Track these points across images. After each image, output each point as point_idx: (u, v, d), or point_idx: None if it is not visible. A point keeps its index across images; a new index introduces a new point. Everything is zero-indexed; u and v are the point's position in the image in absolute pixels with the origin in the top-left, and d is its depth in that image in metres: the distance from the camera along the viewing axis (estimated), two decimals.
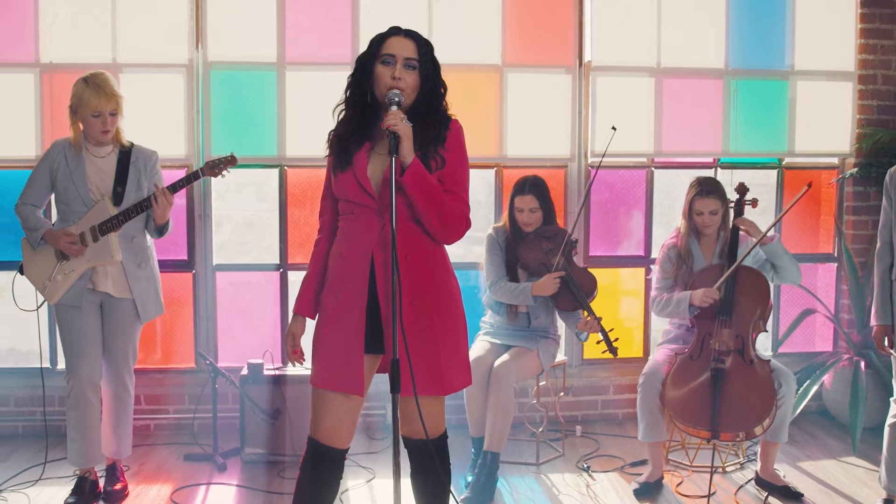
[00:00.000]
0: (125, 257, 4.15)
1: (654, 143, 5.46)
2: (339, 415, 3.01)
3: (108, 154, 4.17)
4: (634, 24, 5.42)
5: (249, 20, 5.22)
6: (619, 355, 4.48)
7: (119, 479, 4.35)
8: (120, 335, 4.22)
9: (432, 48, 3.01)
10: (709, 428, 4.18)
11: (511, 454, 4.91)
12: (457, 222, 2.95)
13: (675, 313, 4.46)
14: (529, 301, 4.56)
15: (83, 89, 4.02)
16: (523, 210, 4.63)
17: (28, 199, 4.18)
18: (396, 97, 2.87)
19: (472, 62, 5.35)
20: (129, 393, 4.32)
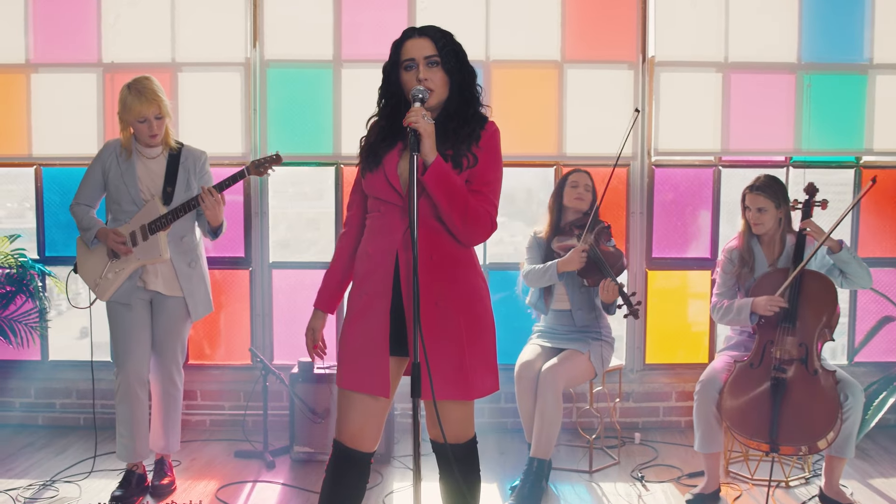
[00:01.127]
0: (175, 256, 4.20)
1: (721, 141, 5.24)
2: (365, 417, 2.95)
3: (158, 155, 4.22)
4: (701, 16, 5.21)
5: (306, 18, 5.21)
6: (677, 360, 4.32)
7: (167, 474, 4.39)
8: (170, 333, 4.27)
9: (451, 38, 2.92)
10: (767, 440, 3.98)
11: (565, 461, 4.78)
12: (481, 224, 2.85)
13: (736, 321, 4.27)
14: (555, 279, 4.46)
15: (126, 96, 4.09)
16: (578, 185, 4.56)
17: (82, 199, 4.26)
18: (420, 94, 2.79)
19: (530, 58, 5.22)
20: (177, 389, 4.36)
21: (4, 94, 5.27)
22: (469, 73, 2.92)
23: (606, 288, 4.35)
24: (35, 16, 5.23)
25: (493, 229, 2.91)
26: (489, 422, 5.30)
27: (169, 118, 4.17)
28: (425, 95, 2.80)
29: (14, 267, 5.02)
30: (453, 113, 2.89)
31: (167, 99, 4.15)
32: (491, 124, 2.95)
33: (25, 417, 5.38)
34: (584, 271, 4.43)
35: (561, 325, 4.61)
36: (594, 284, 4.44)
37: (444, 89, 2.87)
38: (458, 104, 2.90)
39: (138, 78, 4.12)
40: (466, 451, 3.04)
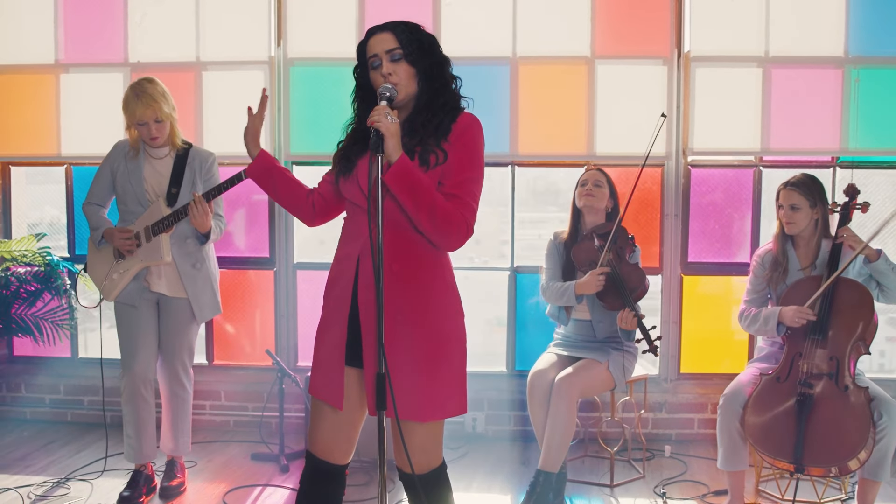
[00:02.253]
0: (179, 257, 4.16)
1: (761, 140, 4.96)
2: (333, 429, 2.84)
3: (165, 156, 4.20)
4: (740, 8, 4.94)
5: (330, 15, 5.13)
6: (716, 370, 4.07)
7: (177, 476, 4.37)
8: (175, 334, 4.24)
9: (416, 29, 2.76)
10: (791, 460, 3.74)
11: (586, 473, 4.60)
12: (453, 227, 2.65)
13: (763, 331, 4.02)
14: (573, 301, 4.27)
15: (128, 97, 4.06)
16: (587, 182, 4.36)
17: (93, 198, 4.28)
18: (387, 91, 2.65)
19: (559, 54, 5.03)
20: (185, 391, 4.33)
21: (35, 94, 5.34)
22: (437, 63, 2.76)
23: (624, 318, 4.14)
24: (64, 17, 5.29)
25: (468, 234, 2.70)
26: (512, 430, 5.14)
27: (171, 121, 4.12)
28: (393, 93, 2.66)
29: (41, 265, 5.07)
30: (423, 106, 2.73)
31: (170, 101, 4.10)
32: (465, 116, 2.75)
33: (55, 414, 5.46)
34: (603, 294, 4.23)
35: (581, 335, 4.43)
36: (613, 309, 4.23)
37: (411, 82, 2.72)
38: (427, 97, 2.74)
39: (141, 80, 4.09)
40: (433, 481, 2.82)
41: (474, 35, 5.07)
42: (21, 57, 5.34)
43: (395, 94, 2.67)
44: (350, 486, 4.37)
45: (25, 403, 5.48)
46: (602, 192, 4.37)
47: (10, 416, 5.45)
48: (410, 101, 2.76)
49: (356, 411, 2.84)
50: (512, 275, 5.20)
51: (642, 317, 4.15)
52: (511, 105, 5.05)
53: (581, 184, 4.42)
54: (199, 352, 5.49)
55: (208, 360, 5.45)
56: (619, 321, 4.15)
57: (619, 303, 4.18)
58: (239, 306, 5.42)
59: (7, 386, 5.49)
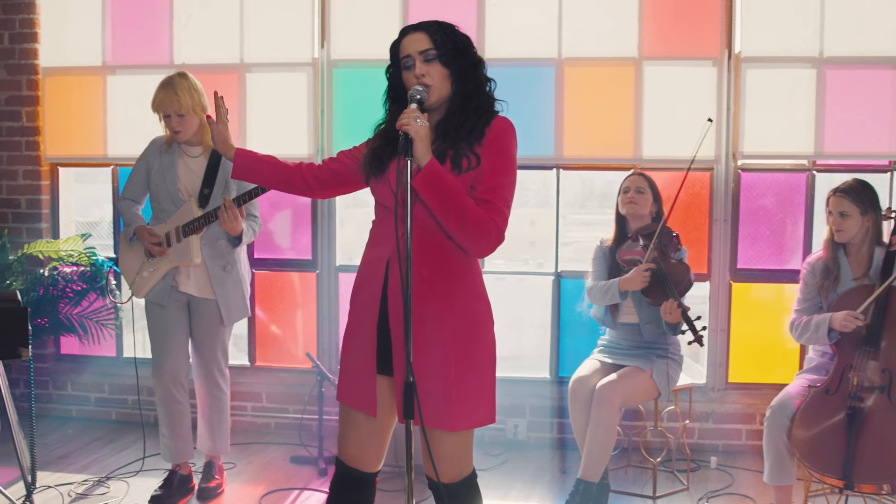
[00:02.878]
0: (210, 259, 4.13)
1: (814, 144, 4.80)
2: (362, 436, 2.80)
3: (200, 155, 4.16)
4: (793, 7, 4.78)
5: (373, 17, 5.10)
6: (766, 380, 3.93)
7: (214, 477, 4.35)
8: (207, 335, 4.22)
9: (451, 29, 2.71)
10: (840, 476, 3.60)
11: (629, 484, 4.49)
12: (483, 233, 2.59)
13: (815, 339, 3.88)
14: (617, 298, 4.20)
15: (158, 87, 4.04)
16: (630, 189, 4.28)
17: (128, 194, 4.27)
18: (418, 94, 2.60)
19: (606, 55, 4.93)
20: (222, 391, 4.30)
21: (82, 96, 5.41)
22: (471, 64, 2.70)
23: (669, 310, 4.04)
24: (112, 20, 5.33)
25: (499, 240, 2.64)
26: (554, 437, 5.06)
27: (200, 118, 4.06)
28: (423, 96, 2.60)
29: (87, 265, 5.12)
30: (456, 109, 2.67)
31: (198, 98, 4.04)
32: (499, 120, 2.70)
33: (99, 412, 5.52)
34: (648, 290, 4.14)
35: (626, 340, 4.33)
36: (658, 304, 4.13)
37: (444, 84, 2.66)
38: (461, 99, 2.68)
39: (175, 73, 4.06)
40: (462, 491, 2.76)
41: (519, 36, 4.99)
42: (70, 59, 5.40)
43: (425, 96, 2.62)
44: (385, 491, 4.35)
45: (71, 401, 5.55)
46: (644, 198, 4.28)
47: (56, 414, 5.52)
48: (443, 104, 2.70)
49: (387, 419, 2.80)
50: (556, 280, 5.12)
51: (687, 308, 4.05)
52: (556, 107, 4.96)
53: (623, 191, 4.34)
54: (242, 353, 5.51)
55: (250, 362, 5.45)
56: (664, 313, 4.06)
57: (663, 297, 4.09)
58: (281, 308, 5.42)
59: (54, 384, 5.56)
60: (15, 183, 5.50)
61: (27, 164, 5.48)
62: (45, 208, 5.52)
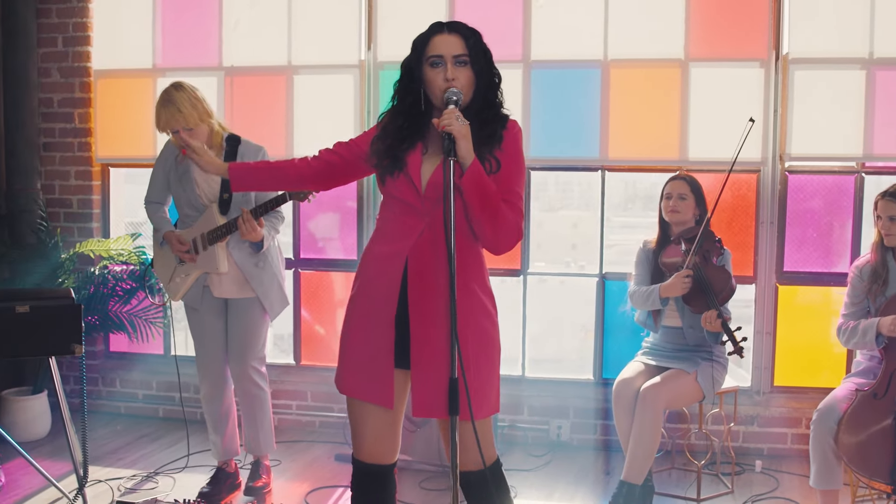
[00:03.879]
0: (241, 259, 4.10)
1: (863, 146, 4.75)
2: (379, 429, 2.83)
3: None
4: (842, 8, 4.74)
5: (419, 18, 5.09)
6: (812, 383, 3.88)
7: (261, 476, 4.36)
8: (245, 334, 4.19)
9: (480, 37, 2.75)
10: (889, 481, 3.58)
11: (673, 486, 4.48)
12: (510, 233, 2.72)
13: (862, 344, 3.85)
14: (658, 304, 4.19)
15: (157, 105, 3.98)
16: (671, 195, 4.27)
17: (151, 196, 4.27)
18: (455, 96, 2.63)
19: (652, 56, 4.92)
20: (261, 389, 4.28)
21: (132, 97, 5.50)
22: (496, 76, 2.77)
23: (709, 319, 4.02)
24: (162, 22, 5.43)
25: (519, 238, 2.77)
26: (598, 439, 5.05)
27: (207, 125, 3.99)
28: (459, 97, 2.64)
29: (136, 264, 5.21)
30: (473, 115, 2.70)
31: (201, 106, 3.97)
32: (513, 124, 2.79)
33: (147, 409, 5.61)
34: (689, 297, 4.13)
35: (670, 343, 4.31)
36: (700, 312, 4.11)
37: (469, 90, 2.71)
38: (480, 106, 2.73)
39: (169, 86, 3.98)
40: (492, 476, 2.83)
41: (565, 37, 5.00)
42: (121, 62, 5.51)
43: (461, 97, 2.65)
44: (430, 490, 4.38)
45: (120, 398, 5.65)
46: (686, 204, 4.27)
47: (105, 410, 5.62)
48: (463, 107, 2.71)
49: (398, 411, 2.84)
50: (600, 281, 5.12)
51: (728, 318, 4.03)
52: (602, 109, 4.96)
53: (665, 196, 4.32)
54: (287, 352, 5.58)
55: (296, 361, 5.51)
56: (704, 322, 4.04)
57: (704, 305, 4.07)
58: (326, 308, 5.47)
59: (103, 380, 5.66)
60: (67, 183, 5.62)
61: (79, 165, 5.60)
62: (95, 208, 5.63)
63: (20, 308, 3.72)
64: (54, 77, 5.55)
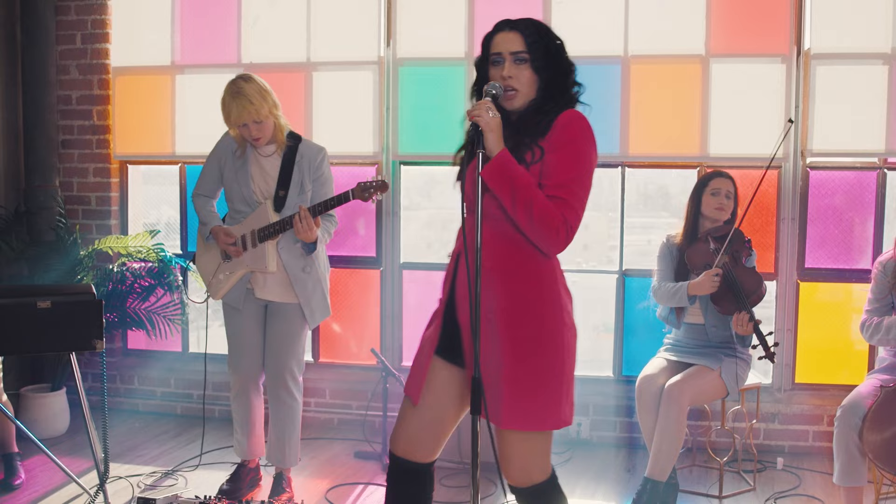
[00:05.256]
0: (288, 261, 4.01)
1: (886, 141, 4.73)
2: (415, 426, 2.80)
3: (273, 154, 4.02)
4: (864, 4, 4.72)
5: (439, 15, 5.13)
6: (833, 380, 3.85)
7: (285, 490, 4.18)
8: (283, 340, 4.08)
9: (545, 33, 2.68)
10: None
11: (695, 483, 4.46)
12: (551, 229, 2.55)
13: (886, 341, 3.84)
14: (685, 302, 4.15)
15: (224, 97, 3.91)
16: (719, 192, 4.23)
17: (201, 189, 4.19)
18: (493, 89, 2.60)
19: (672, 52, 4.90)
20: (294, 399, 4.14)
21: (152, 94, 5.51)
22: (562, 72, 2.68)
23: (741, 322, 3.99)
24: (181, 19, 5.43)
25: (567, 237, 2.58)
26: (618, 436, 5.03)
27: (274, 118, 3.94)
28: (499, 92, 2.60)
29: (155, 261, 5.21)
30: (535, 110, 2.66)
31: (270, 98, 3.91)
32: (568, 112, 2.64)
33: (165, 406, 5.61)
34: (717, 297, 4.09)
35: (693, 340, 4.29)
36: (727, 313, 4.08)
37: (530, 89, 2.65)
38: (543, 101, 2.66)
39: (237, 78, 3.92)
40: (535, 496, 2.74)
41: (585, 33, 4.97)
42: (139, 59, 5.52)
43: (500, 92, 2.62)
44: (449, 487, 4.36)
45: (138, 395, 5.65)
46: (731, 204, 4.25)
47: (123, 407, 5.62)
48: (525, 106, 2.68)
49: (445, 409, 2.78)
50: (620, 278, 5.10)
51: (759, 322, 3.99)
52: (622, 105, 4.94)
53: (712, 192, 4.25)
54: (306, 350, 5.55)
55: (314, 358, 5.50)
56: (735, 325, 4.01)
57: (733, 307, 4.03)
58: (345, 305, 5.46)
59: (121, 378, 5.66)
60: (85, 180, 5.62)
61: (97, 162, 5.61)
62: (114, 205, 5.64)
63: (42, 304, 3.72)
64: (73, 74, 5.56)
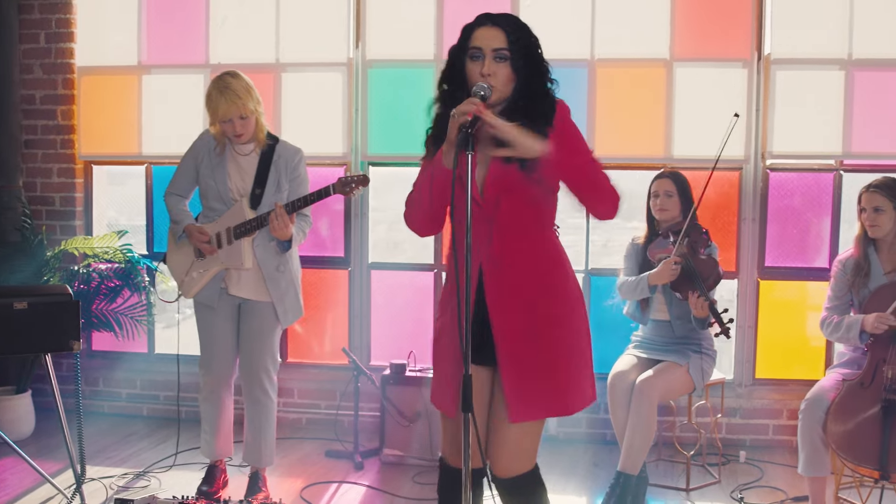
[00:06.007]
0: (263, 260, 4.03)
1: (842, 144, 4.90)
2: (452, 433, 2.82)
3: (251, 152, 4.04)
4: (822, 10, 4.89)
5: (408, 17, 5.18)
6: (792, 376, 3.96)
7: (261, 489, 4.20)
8: (257, 339, 4.09)
9: (526, 32, 2.69)
10: (877, 466, 3.68)
11: (662, 476, 4.57)
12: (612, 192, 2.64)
13: (846, 339, 3.97)
14: (647, 292, 4.30)
15: (211, 93, 3.92)
16: (658, 194, 4.37)
17: (174, 188, 4.17)
18: (482, 90, 2.56)
19: (637, 56, 5.02)
20: (269, 398, 4.15)
21: (118, 95, 5.47)
22: (540, 71, 2.69)
23: (696, 303, 4.13)
24: (148, 19, 5.40)
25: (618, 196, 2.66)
26: (585, 432, 5.13)
27: (257, 115, 3.96)
28: (487, 93, 2.57)
29: (122, 262, 5.17)
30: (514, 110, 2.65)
31: (255, 95, 3.95)
32: (560, 102, 2.70)
33: (131, 408, 5.59)
34: (677, 284, 4.22)
35: (659, 336, 4.41)
36: (685, 298, 4.22)
37: (507, 87, 2.64)
38: (521, 97, 2.66)
39: (224, 74, 3.94)
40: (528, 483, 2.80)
41: (552, 36, 5.00)
42: (106, 59, 5.47)
43: (489, 94, 2.59)
44: (424, 484, 4.42)
45: (103, 397, 5.61)
46: (672, 202, 4.37)
47: (88, 410, 5.53)
48: (500, 102, 2.68)
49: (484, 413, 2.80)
50: (587, 277, 5.20)
51: (714, 302, 4.14)
52: (588, 107, 5.04)
53: (653, 195, 4.42)
54: None
55: (282, 358, 5.48)
56: (693, 308, 4.15)
57: (691, 290, 4.17)
58: (313, 305, 5.47)
59: (86, 380, 5.60)
60: (49, 181, 5.56)
61: (62, 162, 5.55)
62: (78, 206, 5.58)
63: (18, 304, 3.70)
64: (37, 73, 5.50)
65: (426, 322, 5.34)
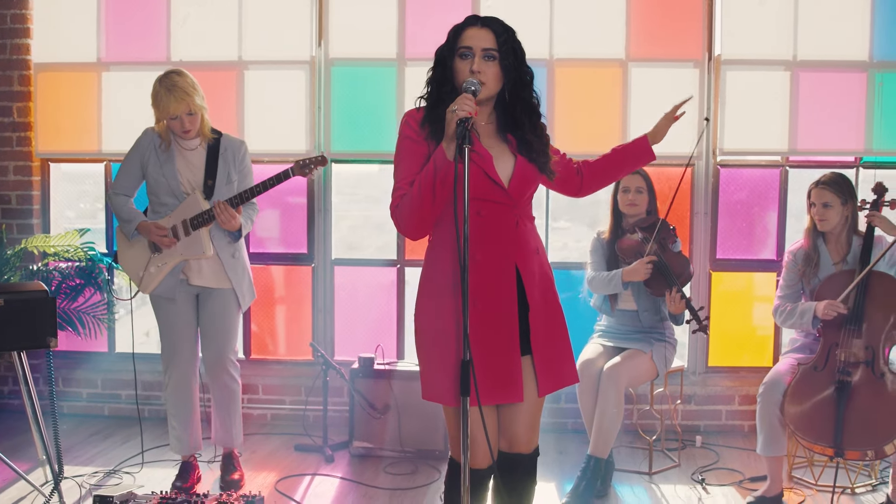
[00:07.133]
0: (221, 248, 4.15)
1: (788, 141, 5.14)
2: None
3: (197, 147, 4.15)
4: (769, 13, 5.12)
5: (370, 16, 5.25)
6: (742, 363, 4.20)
7: (236, 468, 4.39)
8: (221, 325, 4.22)
9: (513, 35, 2.83)
10: (832, 445, 3.89)
11: (625, 461, 4.74)
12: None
13: (799, 325, 4.19)
14: (620, 288, 4.46)
15: (157, 91, 4.01)
16: (629, 189, 4.53)
17: (119, 188, 4.21)
18: (472, 86, 2.67)
19: (594, 56, 5.19)
20: (235, 381, 4.33)
21: (77, 92, 5.42)
22: (525, 74, 2.84)
23: (673, 300, 4.30)
24: (107, 16, 5.37)
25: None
26: (549, 421, 5.25)
27: (202, 112, 4.06)
28: (478, 89, 2.69)
29: (83, 260, 5.14)
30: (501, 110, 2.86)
31: (200, 92, 4.05)
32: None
33: (92, 407, 5.54)
34: (650, 281, 4.39)
35: (626, 326, 4.57)
36: (659, 295, 4.40)
37: (496, 85, 2.78)
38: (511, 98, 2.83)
39: (169, 72, 4.03)
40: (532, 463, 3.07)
41: None
42: (63, 55, 5.41)
43: (479, 88, 2.70)
44: (395, 475, 4.50)
45: (63, 397, 5.53)
46: (643, 198, 4.55)
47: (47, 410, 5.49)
48: (488, 101, 2.83)
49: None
50: None
51: (689, 298, 4.33)
52: (547, 106, 5.18)
53: (623, 190, 4.56)
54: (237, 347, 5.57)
55: (245, 355, 5.53)
56: (669, 305, 4.32)
57: (665, 288, 4.34)
58: (276, 301, 5.51)
59: (45, 380, 5.53)
60: (5, 179, 5.48)
61: (18, 160, 5.48)
62: (35, 204, 5.51)
63: None
64: None
65: (389, 317, 5.44)
